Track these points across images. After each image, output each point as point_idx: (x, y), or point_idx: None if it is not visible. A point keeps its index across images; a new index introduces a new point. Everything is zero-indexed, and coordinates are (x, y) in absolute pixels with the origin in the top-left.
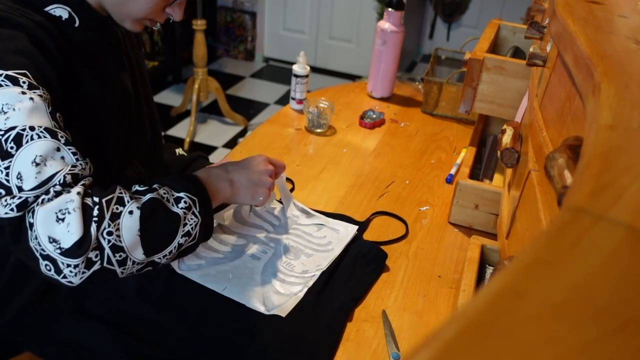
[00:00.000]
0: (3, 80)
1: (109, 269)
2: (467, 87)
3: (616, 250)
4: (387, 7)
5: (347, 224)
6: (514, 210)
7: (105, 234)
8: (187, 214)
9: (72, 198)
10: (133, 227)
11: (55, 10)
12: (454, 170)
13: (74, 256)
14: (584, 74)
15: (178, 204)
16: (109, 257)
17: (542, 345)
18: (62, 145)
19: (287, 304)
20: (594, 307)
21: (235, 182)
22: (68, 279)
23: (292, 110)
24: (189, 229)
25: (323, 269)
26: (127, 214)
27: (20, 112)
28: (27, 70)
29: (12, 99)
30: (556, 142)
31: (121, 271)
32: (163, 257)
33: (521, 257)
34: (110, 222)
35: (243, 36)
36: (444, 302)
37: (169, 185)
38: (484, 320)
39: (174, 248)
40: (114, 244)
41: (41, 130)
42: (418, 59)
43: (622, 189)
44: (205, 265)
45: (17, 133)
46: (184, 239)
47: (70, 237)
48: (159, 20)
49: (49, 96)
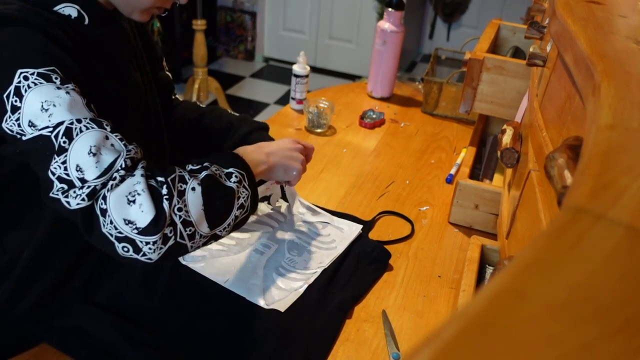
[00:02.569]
0: (36, 79)
1: (181, 244)
2: (467, 87)
3: (616, 250)
4: (387, 7)
5: (352, 223)
6: (514, 210)
7: (176, 210)
8: (240, 188)
9: (138, 180)
10: (197, 202)
11: (65, 9)
12: (454, 170)
13: (152, 233)
14: (584, 74)
15: (230, 179)
16: (181, 232)
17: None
18: (109, 133)
19: (286, 299)
20: (594, 307)
21: (271, 157)
22: (147, 256)
23: (292, 110)
24: (242, 202)
25: (325, 266)
26: (191, 191)
27: (61, 107)
28: (54, 66)
29: (50, 96)
30: (556, 142)
31: (191, 245)
32: (223, 229)
33: (521, 257)
34: (178, 199)
35: (243, 36)
36: (444, 302)
37: (217, 163)
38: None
39: (232, 220)
40: (184, 219)
41: (87, 122)
42: (418, 59)
43: (622, 189)
44: (209, 257)
45: (67, 127)
46: (239, 211)
47: (145, 217)
48: (166, 6)
49: (79, 89)
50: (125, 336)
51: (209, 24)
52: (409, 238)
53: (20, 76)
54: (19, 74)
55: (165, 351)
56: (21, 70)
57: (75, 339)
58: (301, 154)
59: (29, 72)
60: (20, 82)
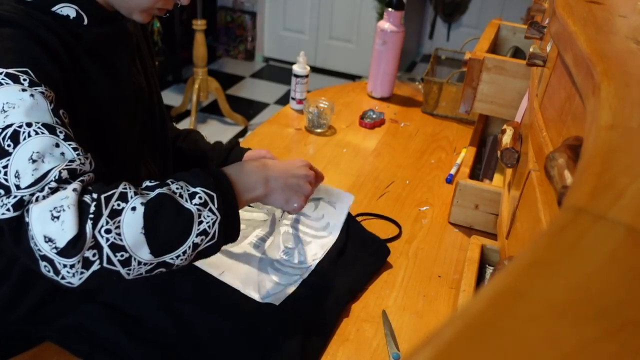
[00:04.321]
0: (3, 79)
1: (110, 270)
2: (467, 87)
3: (616, 250)
4: (387, 7)
5: (343, 193)
6: (514, 210)
7: (103, 232)
8: (203, 211)
9: (67, 195)
10: (136, 224)
11: (63, 10)
12: (454, 170)
13: (69, 256)
14: (584, 74)
15: (192, 200)
16: (108, 256)
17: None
18: (61, 140)
19: (281, 293)
20: (594, 307)
21: (271, 182)
22: (67, 280)
23: (292, 110)
24: (205, 227)
25: (320, 258)
26: (130, 211)
27: (19, 110)
28: (28, 68)
29: (13, 97)
30: (556, 142)
31: (126, 272)
32: (176, 257)
33: (521, 257)
34: (108, 219)
35: (243, 36)
36: (444, 302)
37: (185, 180)
38: (484, 320)
39: (189, 248)
40: (113, 243)
41: (39, 127)
42: (418, 59)
43: (622, 189)
44: None
45: (14, 130)
46: (199, 238)
47: (64, 236)
48: (167, 7)
49: (52, 94)
50: (125, 332)
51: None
52: (397, 239)
53: None
54: None
55: (164, 346)
56: None
57: (75, 336)
58: (309, 184)
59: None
60: None
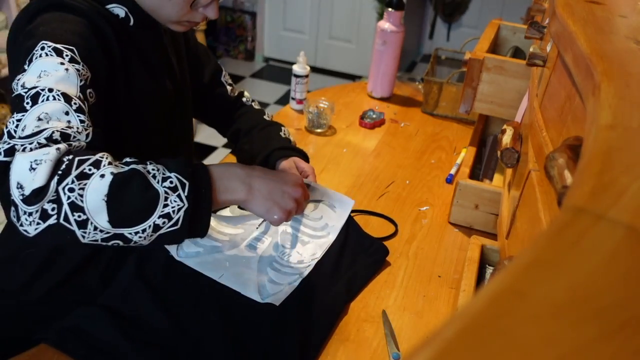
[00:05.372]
0: (49, 51)
1: (66, 227)
2: (467, 87)
3: (616, 250)
4: (387, 7)
5: (345, 197)
6: (514, 210)
7: (67, 190)
8: (170, 195)
9: (49, 151)
10: (100, 190)
11: (114, 9)
12: (454, 170)
13: (30, 204)
14: (584, 74)
15: (163, 183)
16: (66, 213)
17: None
18: (72, 110)
19: (281, 293)
20: (594, 307)
21: (255, 188)
22: (24, 228)
23: (292, 110)
24: (169, 211)
25: (318, 258)
26: (98, 177)
27: (51, 77)
28: (74, 47)
29: (50, 67)
30: (556, 142)
31: (81, 234)
32: (135, 233)
33: (521, 257)
34: (75, 179)
35: (243, 36)
36: (444, 302)
37: (165, 165)
38: (484, 320)
39: (149, 227)
40: (73, 202)
41: (58, 94)
42: (418, 59)
43: (622, 189)
44: (203, 252)
45: (37, 92)
46: (161, 220)
47: (32, 185)
48: (196, 20)
49: (89, 74)
50: (123, 334)
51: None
52: (393, 237)
53: (40, 46)
54: (40, 44)
55: (162, 348)
56: (43, 42)
57: (73, 338)
58: (294, 202)
59: (47, 44)
60: (37, 51)
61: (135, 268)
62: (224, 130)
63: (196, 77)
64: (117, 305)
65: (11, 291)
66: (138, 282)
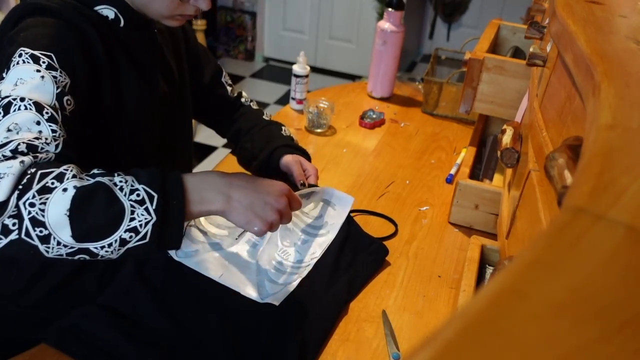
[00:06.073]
0: (26, 58)
1: (28, 243)
2: (467, 87)
3: (616, 250)
4: (387, 7)
5: (345, 195)
6: (514, 210)
7: (27, 205)
8: (137, 209)
9: (12, 164)
10: (62, 205)
11: (103, 10)
12: (454, 170)
13: None
14: (584, 74)
15: (130, 195)
16: (27, 229)
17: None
18: (43, 120)
19: (280, 292)
20: (594, 307)
21: (234, 199)
22: None
23: (292, 110)
24: (136, 225)
25: (318, 257)
26: (61, 191)
27: (26, 86)
28: (53, 53)
29: (26, 75)
30: (556, 142)
31: (45, 249)
32: (101, 247)
33: (521, 257)
34: (36, 194)
35: (243, 36)
36: (444, 302)
37: (135, 176)
38: (484, 320)
39: (115, 242)
40: (34, 217)
41: (30, 103)
42: (418, 59)
43: (622, 189)
44: (201, 250)
45: (8, 102)
46: (128, 234)
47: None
48: (188, 12)
49: (67, 80)
50: (123, 334)
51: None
52: (392, 237)
53: (18, 53)
54: (19, 51)
55: (161, 348)
56: (22, 49)
57: (73, 338)
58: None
59: (25, 51)
60: (15, 58)
61: (135, 268)
62: (223, 131)
63: (196, 78)
64: (116, 305)
65: (8, 296)
66: (138, 282)
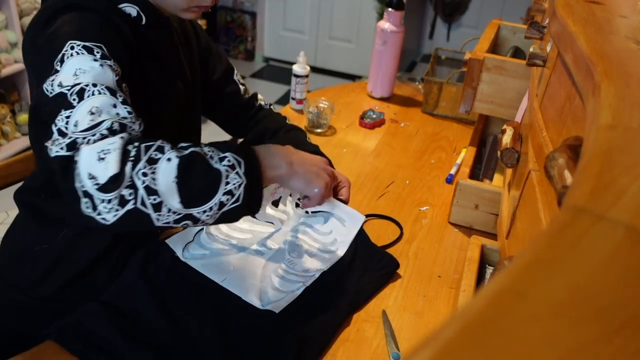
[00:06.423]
0: (80, 50)
1: (142, 212)
2: (467, 87)
3: (616, 250)
4: (387, 7)
5: (355, 213)
6: (514, 210)
7: (141, 174)
8: (230, 172)
9: (114, 141)
10: (170, 173)
11: (126, 8)
12: (454, 170)
13: (108, 191)
14: (584, 74)
15: (222, 162)
16: (142, 198)
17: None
18: (119, 103)
19: (282, 300)
20: (594, 307)
21: (295, 165)
22: (102, 216)
23: (292, 110)
24: (231, 188)
25: (324, 269)
26: (165, 161)
27: (88, 74)
28: (102, 44)
29: (85, 65)
30: (556, 142)
31: (157, 217)
32: (203, 212)
33: (521, 257)
34: (146, 164)
35: (243, 36)
36: (444, 302)
37: (216, 147)
38: (484, 320)
39: (215, 205)
40: (148, 186)
41: (102, 88)
42: (418, 59)
43: (622, 189)
44: (209, 255)
45: (81, 88)
46: (225, 197)
47: (106, 173)
48: (204, 3)
49: (119, 69)
50: (121, 332)
51: (209, 24)
52: (399, 241)
53: (68, 46)
54: (68, 44)
55: (159, 348)
56: (71, 41)
57: (72, 334)
58: (330, 179)
59: (76, 43)
60: (66, 51)
61: (140, 267)
62: (234, 130)
63: (206, 75)
64: (118, 302)
65: (22, 288)
66: (141, 280)
